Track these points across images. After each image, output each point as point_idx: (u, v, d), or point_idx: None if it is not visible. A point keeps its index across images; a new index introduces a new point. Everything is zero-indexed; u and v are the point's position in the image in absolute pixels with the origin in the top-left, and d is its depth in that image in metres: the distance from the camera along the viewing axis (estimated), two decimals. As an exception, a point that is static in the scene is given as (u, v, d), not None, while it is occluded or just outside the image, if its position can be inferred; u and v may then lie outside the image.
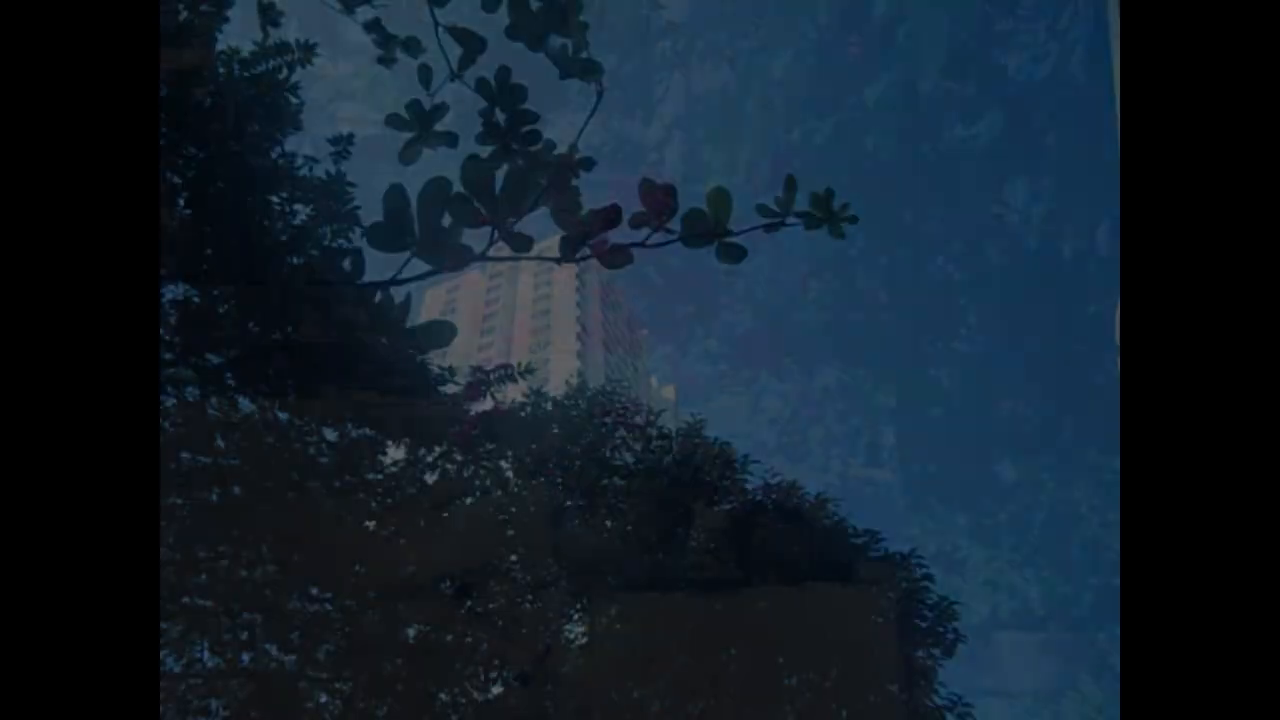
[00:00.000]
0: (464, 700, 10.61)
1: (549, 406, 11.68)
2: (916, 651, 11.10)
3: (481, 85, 3.19)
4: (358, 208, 6.40)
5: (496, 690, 10.74)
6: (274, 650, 10.35)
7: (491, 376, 9.99)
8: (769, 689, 10.92)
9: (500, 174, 2.80)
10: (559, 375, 14.05)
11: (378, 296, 3.17)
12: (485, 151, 3.21)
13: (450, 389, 8.12)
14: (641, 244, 2.98)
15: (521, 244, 2.91)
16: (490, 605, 10.24)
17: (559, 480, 11.51)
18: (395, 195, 2.77)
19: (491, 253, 2.93)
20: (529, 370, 11.53)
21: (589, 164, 3.22)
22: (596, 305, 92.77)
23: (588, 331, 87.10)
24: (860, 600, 10.73)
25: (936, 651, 11.22)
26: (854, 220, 3.01)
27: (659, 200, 2.89)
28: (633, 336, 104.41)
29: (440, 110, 3.34)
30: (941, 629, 11.22)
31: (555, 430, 11.31)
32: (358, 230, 6.50)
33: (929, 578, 11.41)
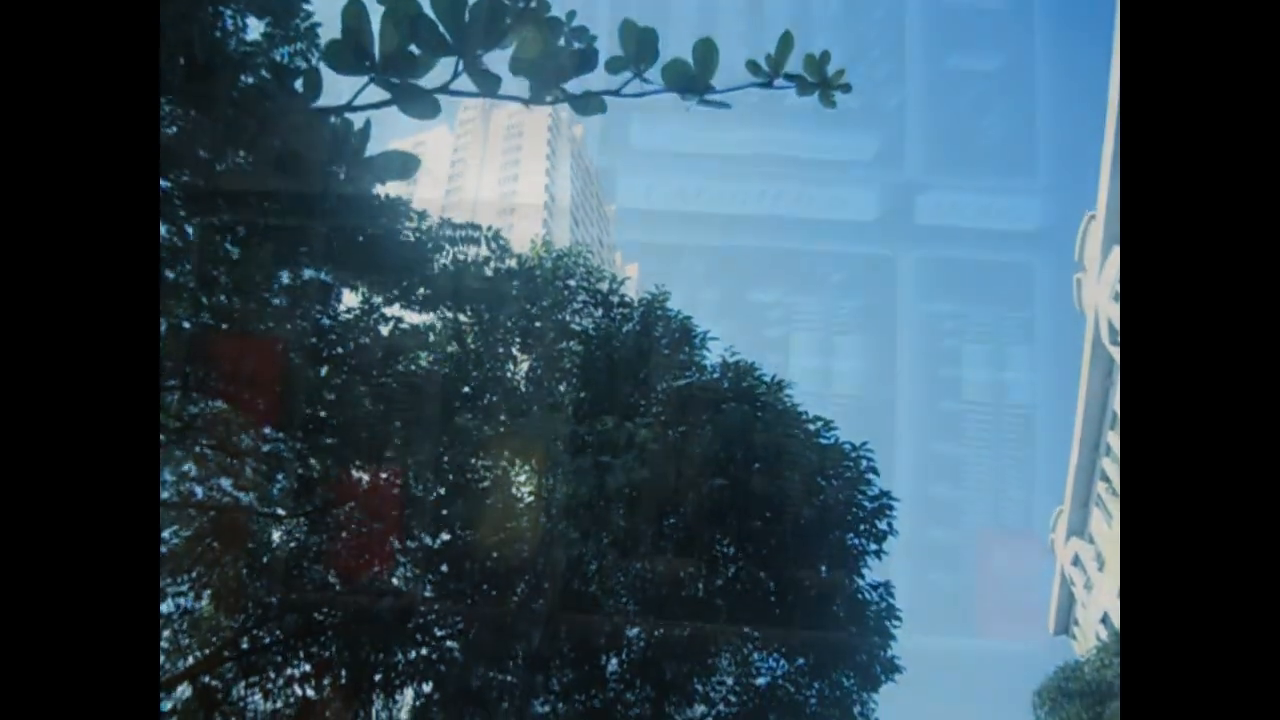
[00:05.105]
0: (414, 544, 11.03)
1: (512, 264, 11.48)
2: (849, 537, 11.67)
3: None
4: (318, 25, 5.91)
5: (445, 537, 11.16)
6: (228, 485, 10.53)
7: (457, 234, 9.75)
8: (703, 555, 11.51)
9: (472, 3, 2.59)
10: (523, 237, 13.71)
11: (334, 120, 2.99)
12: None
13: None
14: (616, 93, 2.83)
15: (489, 82, 2.73)
16: (442, 459, 10.46)
17: (516, 339, 11.51)
18: (354, 11, 2.55)
19: (455, 88, 2.75)
20: (497, 237, 11.30)
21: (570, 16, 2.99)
22: (566, 175, 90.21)
23: (555, 200, 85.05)
24: (803, 483, 11.16)
25: (871, 545, 11.78)
26: (847, 89, 2.87)
27: (639, 44, 2.72)
28: (601, 210, 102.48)
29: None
30: (876, 521, 11.75)
31: (516, 289, 11.18)
32: (316, 53, 6.05)
33: (874, 470, 11.83)
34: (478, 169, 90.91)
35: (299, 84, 3.27)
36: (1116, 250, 27.47)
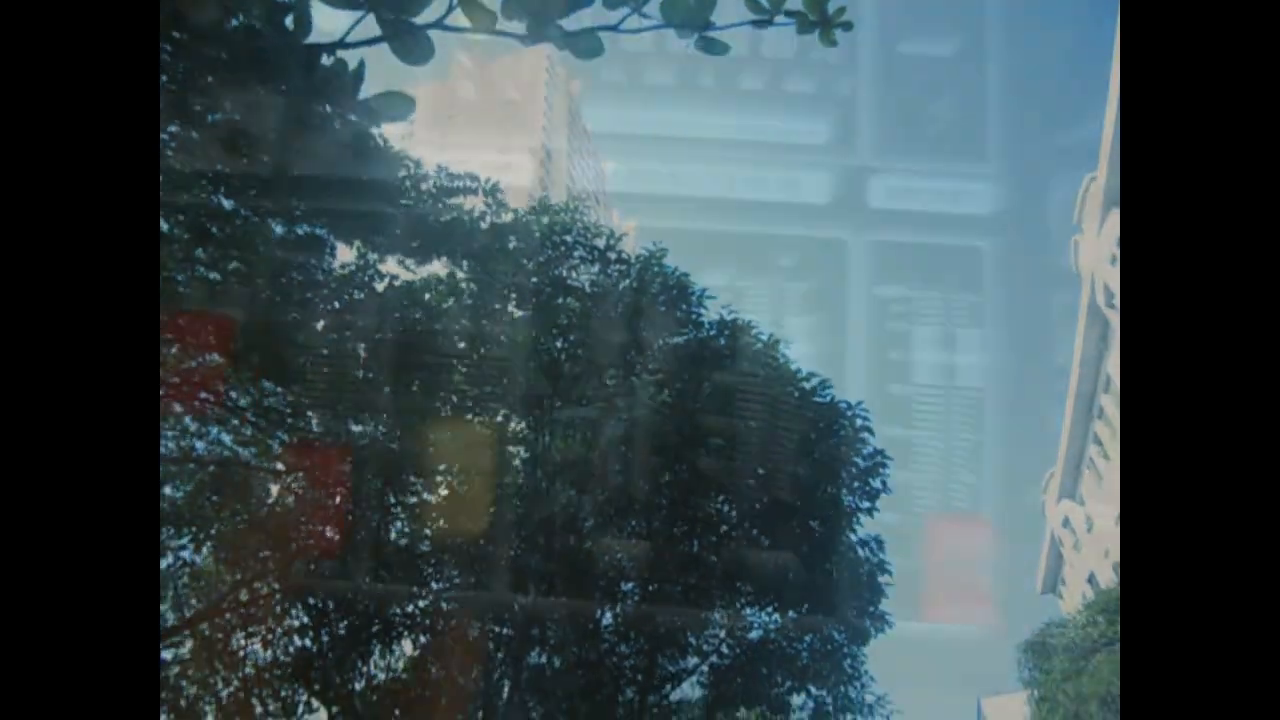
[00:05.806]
0: (413, 499, 11.14)
1: (509, 219, 11.36)
2: (844, 495, 11.75)
3: None
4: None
5: (443, 492, 11.24)
6: (228, 440, 10.55)
7: (454, 184, 9.64)
8: (699, 513, 11.61)
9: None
10: (519, 192, 13.49)
11: (325, 59, 2.91)
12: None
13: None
14: (614, 28, 2.77)
15: (484, 17, 2.67)
16: (439, 415, 10.49)
17: (512, 295, 11.44)
18: (345, -60, 2.48)
19: (449, 23, 2.69)
20: (495, 189, 11.19)
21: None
22: (564, 132, 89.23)
23: (551, 159, 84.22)
24: (799, 441, 11.21)
25: (865, 503, 11.88)
26: (849, 27, 2.81)
27: (638, -22, 2.66)
28: (598, 166, 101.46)
29: None
30: (871, 479, 11.83)
31: (513, 244, 11.08)
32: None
33: (869, 429, 11.87)
34: (473, 124, 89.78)
35: (289, 20, 3.19)
36: (1114, 213, 27.30)
